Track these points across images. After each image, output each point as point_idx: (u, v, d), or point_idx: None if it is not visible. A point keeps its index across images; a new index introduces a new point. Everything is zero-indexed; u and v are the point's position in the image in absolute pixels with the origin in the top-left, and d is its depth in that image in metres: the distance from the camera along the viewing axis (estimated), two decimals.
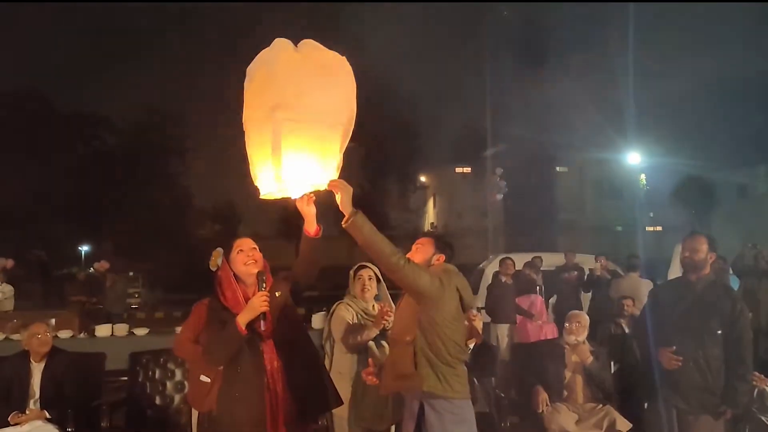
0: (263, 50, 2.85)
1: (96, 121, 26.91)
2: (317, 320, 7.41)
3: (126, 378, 5.35)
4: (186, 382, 5.06)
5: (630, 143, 24.94)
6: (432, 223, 33.89)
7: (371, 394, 4.01)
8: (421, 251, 3.32)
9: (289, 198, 2.92)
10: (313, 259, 3.23)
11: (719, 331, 3.89)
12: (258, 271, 3.16)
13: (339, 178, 2.91)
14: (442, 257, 3.35)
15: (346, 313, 4.16)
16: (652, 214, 29.87)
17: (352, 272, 4.30)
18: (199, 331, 4.29)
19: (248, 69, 2.87)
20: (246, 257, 3.20)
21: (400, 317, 3.33)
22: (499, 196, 18.33)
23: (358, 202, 2.96)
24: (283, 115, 2.70)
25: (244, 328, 3.03)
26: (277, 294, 3.19)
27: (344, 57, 2.92)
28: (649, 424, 4.29)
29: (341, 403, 3.48)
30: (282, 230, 26.63)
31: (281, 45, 2.81)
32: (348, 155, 2.97)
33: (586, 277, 10.10)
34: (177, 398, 5.14)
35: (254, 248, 3.25)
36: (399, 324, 3.33)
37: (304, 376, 3.20)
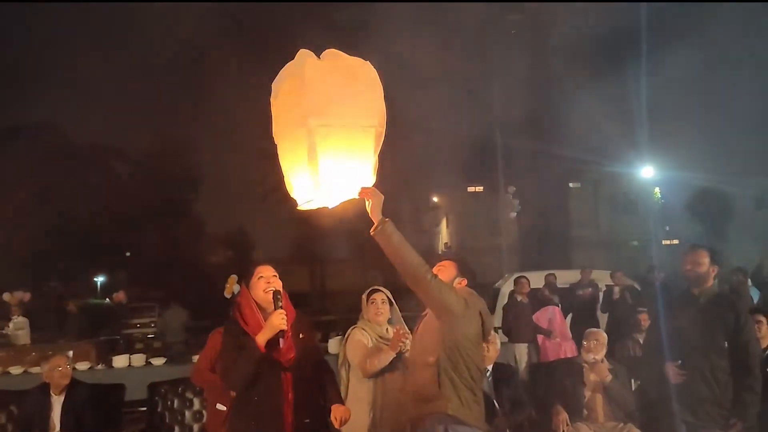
0: (287, 64, 2.88)
1: (109, 151, 27.15)
2: (333, 345, 7.40)
3: (144, 408, 5.35)
4: (204, 411, 5.06)
5: (643, 157, 24.82)
6: (446, 243, 33.72)
7: (390, 420, 3.99)
8: (444, 273, 3.27)
9: (326, 208, 2.89)
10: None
11: (725, 343, 3.88)
12: (274, 290, 3.18)
13: (374, 181, 2.90)
14: (464, 281, 3.33)
15: (362, 337, 4.15)
16: (668, 228, 29.59)
17: (364, 296, 4.29)
18: (215, 360, 4.33)
19: (273, 84, 2.90)
20: (266, 284, 3.23)
21: (422, 338, 3.29)
22: (513, 214, 18.28)
23: (369, 224, 2.95)
24: (316, 122, 2.71)
25: (263, 347, 3.05)
26: (300, 336, 3.22)
27: (368, 61, 2.94)
28: None
29: None
30: (295, 255, 26.63)
31: (305, 55, 2.83)
32: None
33: (602, 294, 10.02)
34: (196, 427, 5.13)
35: (275, 275, 3.28)
36: (420, 345, 3.28)
37: (314, 416, 3.20)
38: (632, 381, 5.43)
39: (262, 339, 3.06)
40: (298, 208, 2.88)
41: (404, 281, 3.04)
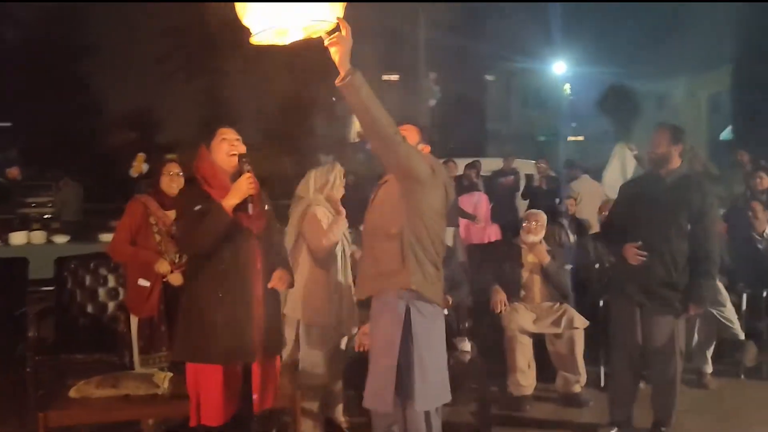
0: None
1: None
2: None
3: (51, 288, 4.87)
4: (120, 288, 4.66)
5: (556, 52, 24.90)
6: (358, 131, 33.34)
7: (349, 301, 3.87)
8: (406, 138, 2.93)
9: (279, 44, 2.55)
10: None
11: (688, 226, 3.76)
12: (240, 154, 2.94)
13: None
14: (428, 148, 3.03)
15: (323, 216, 3.80)
16: (574, 124, 30.27)
17: (334, 173, 3.90)
18: (136, 231, 3.93)
19: None
20: (230, 147, 2.98)
21: (381, 208, 2.97)
22: (432, 102, 18.00)
23: (282, 111, 2.58)
24: None
25: (230, 212, 2.83)
26: (266, 207, 3.05)
27: None
28: (607, 321, 4.23)
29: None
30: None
31: None
32: (273, 61, 2.56)
33: (523, 183, 10.08)
34: (111, 305, 4.72)
35: (238, 139, 3.02)
36: (381, 215, 2.97)
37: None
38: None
39: (228, 203, 2.82)
40: (251, 40, 2.50)
41: (370, 142, 2.72)
